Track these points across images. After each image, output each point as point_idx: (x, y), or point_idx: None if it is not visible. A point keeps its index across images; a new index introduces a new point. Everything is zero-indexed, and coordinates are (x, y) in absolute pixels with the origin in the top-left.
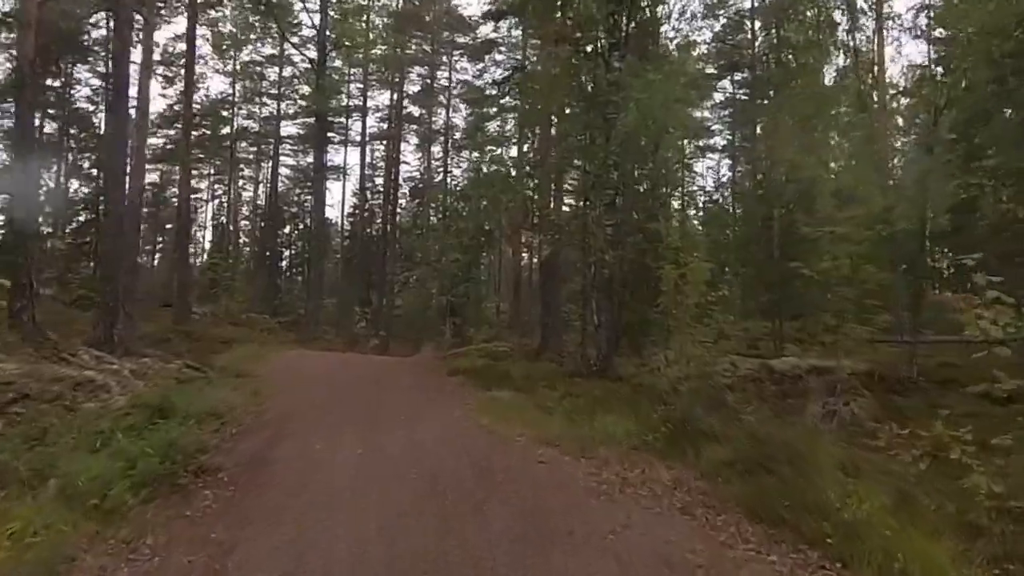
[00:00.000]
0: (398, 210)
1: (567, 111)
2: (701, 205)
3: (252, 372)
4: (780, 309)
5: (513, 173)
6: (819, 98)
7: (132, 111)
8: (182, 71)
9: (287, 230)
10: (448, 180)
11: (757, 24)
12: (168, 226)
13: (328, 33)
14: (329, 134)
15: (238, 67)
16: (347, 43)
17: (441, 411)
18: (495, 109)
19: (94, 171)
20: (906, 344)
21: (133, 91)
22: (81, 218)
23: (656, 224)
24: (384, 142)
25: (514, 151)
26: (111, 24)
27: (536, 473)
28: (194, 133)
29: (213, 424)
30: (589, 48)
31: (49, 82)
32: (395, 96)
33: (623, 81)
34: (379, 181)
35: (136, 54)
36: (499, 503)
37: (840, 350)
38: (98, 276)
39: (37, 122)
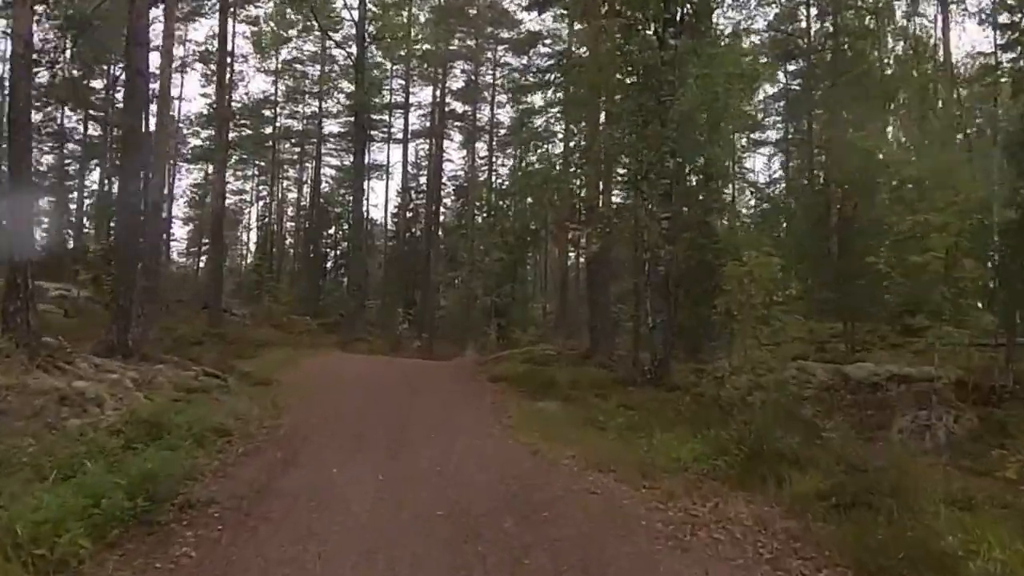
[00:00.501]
0: (442, 209)
1: (617, 96)
2: (753, 201)
3: (278, 378)
4: (851, 308)
5: (558, 168)
6: (879, 86)
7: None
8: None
9: (332, 231)
10: (493, 178)
11: (812, 11)
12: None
13: (367, 28)
14: (371, 132)
15: (279, 66)
16: (387, 37)
17: (479, 425)
18: (540, 103)
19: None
20: (1000, 347)
21: (154, 85)
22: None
23: (713, 217)
24: (427, 140)
25: (559, 148)
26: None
27: (589, 508)
28: (233, 132)
29: (216, 443)
30: (640, 27)
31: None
32: (438, 92)
33: (679, 59)
34: (423, 181)
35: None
36: (544, 552)
37: (935, 355)
38: (113, 276)
39: (80, 124)
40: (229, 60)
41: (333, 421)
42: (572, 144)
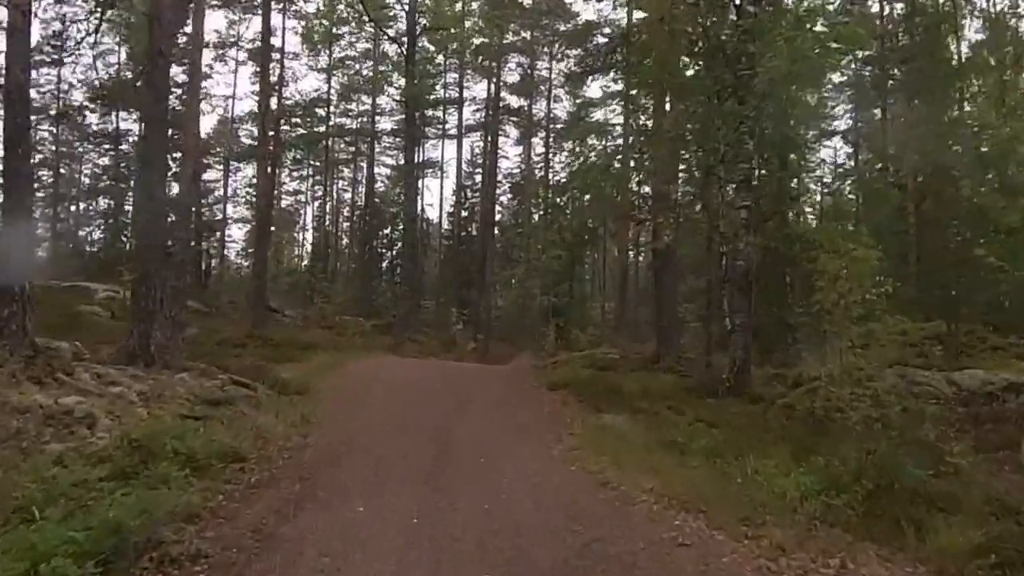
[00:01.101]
0: (497, 207)
1: (688, 72)
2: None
3: (317, 386)
4: (948, 307)
5: (617, 162)
6: (955, 72)
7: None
8: (275, 67)
9: (387, 231)
10: (549, 175)
11: None
12: (272, 228)
13: (419, 19)
14: (424, 128)
15: (331, 63)
16: (439, 30)
17: (536, 446)
18: (599, 93)
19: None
20: None
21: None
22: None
23: (788, 207)
24: (482, 137)
25: (617, 141)
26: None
27: (681, 568)
28: (285, 130)
29: (225, 472)
30: None
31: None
32: (492, 87)
33: (759, 28)
34: (478, 179)
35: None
36: None
37: None
38: (133, 276)
39: (136, 125)
40: (277, 57)
41: (368, 439)
42: (631, 137)
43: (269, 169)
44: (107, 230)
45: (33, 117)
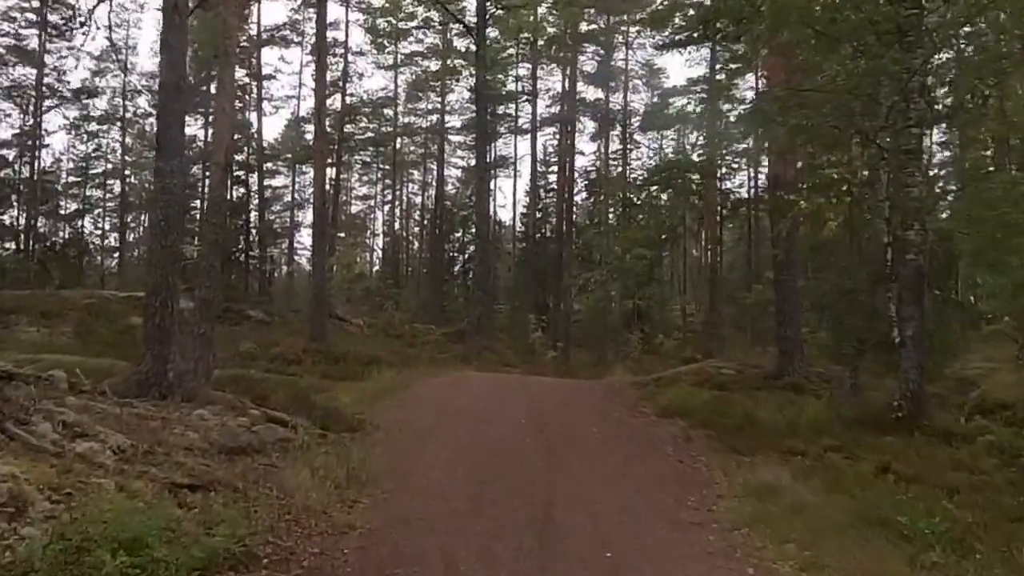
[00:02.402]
0: (574, 207)
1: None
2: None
3: (373, 419)
4: None
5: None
6: None
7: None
8: (339, 63)
9: (459, 234)
10: (628, 171)
11: None
12: (334, 232)
13: (488, 4)
14: (495, 123)
15: (399, 59)
16: (509, 15)
17: (677, 523)
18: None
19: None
20: None
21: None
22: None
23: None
24: (556, 132)
25: (695, 136)
26: None
27: None
28: (349, 131)
29: None
30: None
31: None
32: (567, 78)
33: None
34: (552, 179)
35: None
36: None
37: None
38: (147, 285)
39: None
40: (341, 52)
41: (438, 519)
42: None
43: (332, 171)
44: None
45: (103, 125)
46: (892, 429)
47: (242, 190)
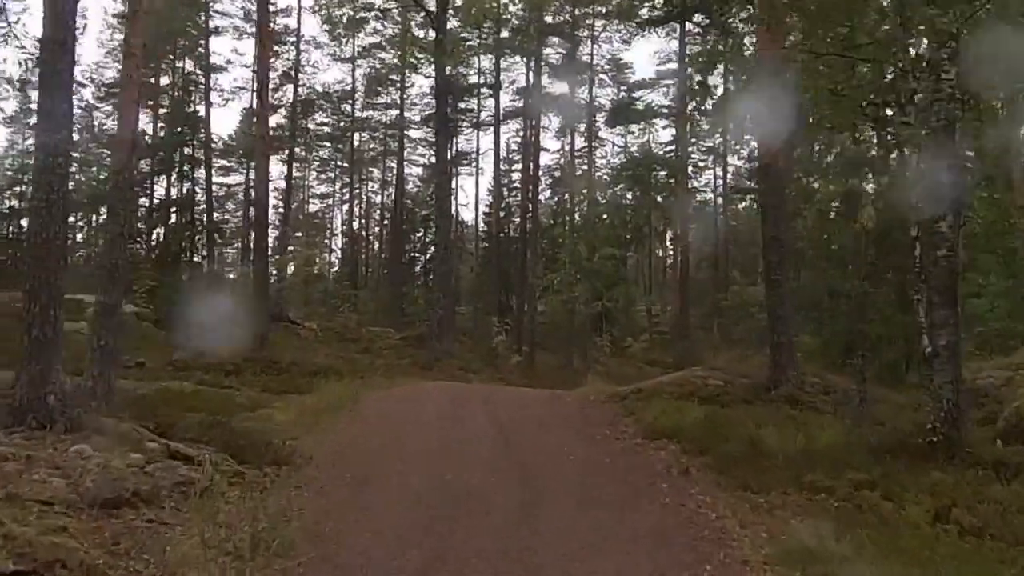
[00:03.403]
0: (539, 205)
1: None
2: None
3: (308, 448)
4: None
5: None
6: None
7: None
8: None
9: (419, 233)
10: (593, 168)
11: None
12: (297, 234)
13: None
14: (457, 115)
15: (357, 51)
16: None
17: None
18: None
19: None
20: None
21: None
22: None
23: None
24: (520, 128)
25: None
26: None
27: None
28: (304, 124)
29: None
30: None
31: None
32: (531, 71)
33: None
34: (515, 177)
35: None
36: None
37: None
38: (25, 288)
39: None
40: (292, 40)
41: None
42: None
43: (285, 167)
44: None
45: None
46: (927, 457)
47: (188, 186)
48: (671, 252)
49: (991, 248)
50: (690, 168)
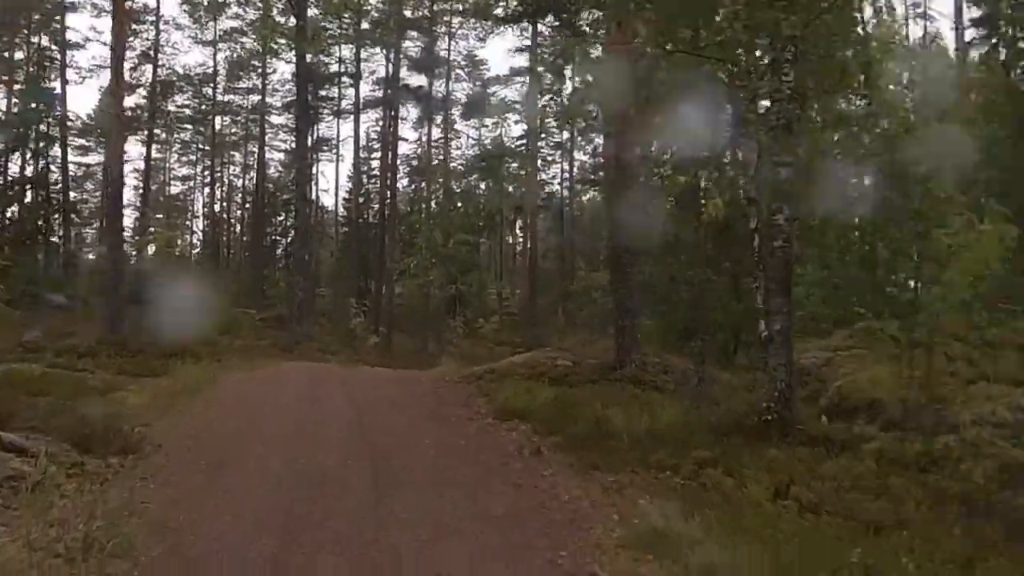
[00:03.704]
0: (397, 193)
1: None
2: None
3: (159, 432)
4: None
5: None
6: None
7: None
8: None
9: (281, 217)
10: (448, 159)
11: None
12: (158, 215)
13: None
14: (319, 103)
15: (218, 35)
16: None
17: None
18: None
19: None
20: None
21: None
22: None
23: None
24: (380, 118)
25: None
26: None
27: None
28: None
29: None
30: None
31: None
32: (391, 63)
33: None
34: (375, 165)
35: None
36: None
37: None
38: None
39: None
40: (152, 19)
41: None
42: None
43: (144, 148)
44: None
45: None
46: (763, 435)
47: (43, 164)
48: (521, 239)
49: (815, 242)
50: (539, 161)
